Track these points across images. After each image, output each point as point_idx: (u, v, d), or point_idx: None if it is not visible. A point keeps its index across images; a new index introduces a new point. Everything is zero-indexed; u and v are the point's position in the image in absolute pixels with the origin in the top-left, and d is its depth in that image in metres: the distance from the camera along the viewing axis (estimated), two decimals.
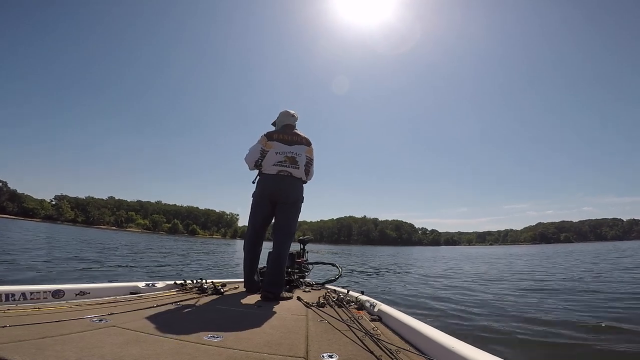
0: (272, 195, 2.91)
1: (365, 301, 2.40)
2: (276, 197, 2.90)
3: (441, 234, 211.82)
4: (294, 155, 2.93)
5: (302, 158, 2.96)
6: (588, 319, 3.87)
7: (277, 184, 2.89)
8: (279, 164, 2.90)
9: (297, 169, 2.93)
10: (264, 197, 2.93)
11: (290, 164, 2.91)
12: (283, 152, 2.93)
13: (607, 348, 2.88)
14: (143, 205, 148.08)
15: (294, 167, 2.92)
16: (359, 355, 1.31)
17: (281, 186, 2.89)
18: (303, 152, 2.98)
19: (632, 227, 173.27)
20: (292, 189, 2.91)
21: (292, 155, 2.93)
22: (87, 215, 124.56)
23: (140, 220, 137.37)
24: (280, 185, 2.89)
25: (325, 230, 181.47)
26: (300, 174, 2.94)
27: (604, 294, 5.58)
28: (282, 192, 2.89)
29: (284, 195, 2.89)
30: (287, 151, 2.94)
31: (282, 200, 2.90)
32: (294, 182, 2.92)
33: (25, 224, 47.78)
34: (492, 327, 3.59)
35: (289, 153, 2.93)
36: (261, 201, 2.96)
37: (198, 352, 1.23)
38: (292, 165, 2.92)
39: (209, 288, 2.72)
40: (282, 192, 2.89)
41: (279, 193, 2.89)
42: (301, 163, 2.95)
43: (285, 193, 2.89)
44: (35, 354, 1.08)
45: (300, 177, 2.96)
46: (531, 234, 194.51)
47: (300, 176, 2.95)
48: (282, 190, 2.89)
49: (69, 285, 2.14)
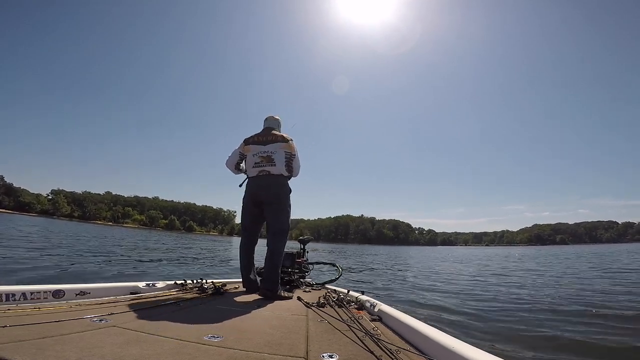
0: (255, 195, 3.00)
1: (365, 301, 2.41)
2: (259, 197, 2.99)
3: (438, 234, 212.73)
4: (269, 154, 2.99)
5: (279, 154, 2.99)
6: (583, 314, 3.90)
7: (257, 185, 2.99)
8: (257, 165, 2.99)
9: (274, 166, 2.96)
10: (248, 199, 3.05)
11: (266, 163, 2.97)
12: (258, 152, 3.01)
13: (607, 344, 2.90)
14: (140, 201, 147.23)
15: (271, 165, 2.96)
16: (359, 355, 1.31)
17: (261, 185, 2.97)
18: (279, 148, 3.01)
19: (627, 230, 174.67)
20: (272, 187, 2.97)
21: (268, 154, 2.99)
22: (84, 210, 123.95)
23: (137, 216, 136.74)
24: (260, 184, 2.97)
25: (322, 229, 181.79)
26: (278, 170, 2.97)
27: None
28: (263, 191, 2.97)
29: (264, 194, 2.96)
30: (262, 151, 3.01)
31: (266, 200, 2.97)
32: (273, 180, 2.96)
33: (21, 219, 47.44)
34: (492, 327, 3.61)
35: (264, 153, 3.00)
36: (247, 203, 3.08)
37: (198, 352, 1.23)
38: (269, 163, 2.97)
39: (209, 288, 2.74)
40: (263, 191, 2.97)
41: (260, 193, 2.97)
42: (278, 159, 2.98)
43: (266, 192, 2.96)
44: (35, 354, 1.08)
45: (280, 173, 2.98)
46: (527, 235, 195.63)
47: (280, 172, 2.98)
48: (262, 189, 2.97)
49: (69, 285, 2.14)
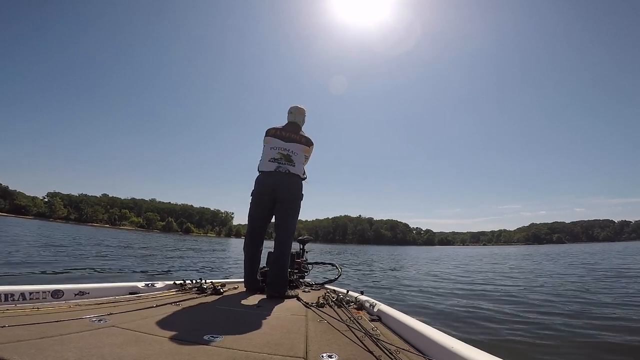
0: (272, 192, 2.83)
1: (364, 301, 2.40)
2: (275, 195, 2.83)
3: (435, 234, 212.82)
4: (289, 153, 2.87)
5: (298, 156, 2.90)
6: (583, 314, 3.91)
7: (277, 181, 2.82)
8: (274, 160, 2.84)
9: (293, 166, 2.87)
10: (263, 195, 2.86)
11: (286, 161, 2.85)
12: (277, 147, 2.87)
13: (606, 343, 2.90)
14: (137, 203, 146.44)
15: (290, 165, 2.85)
16: (358, 355, 1.31)
17: (280, 183, 2.82)
18: (300, 150, 2.92)
19: (623, 229, 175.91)
20: (292, 186, 2.86)
21: (288, 152, 2.87)
22: (80, 212, 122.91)
23: (134, 218, 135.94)
24: (279, 182, 2.82)
25: (320, 230, 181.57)
26: (297, 170, 2.89)
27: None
28: (282, 189, 2.82)
29: (283, 192, 2.82)
30: (282, 147, 2.88)
31: (281, 197, 2.83)
32: (293, 179, 2.86)
33: (17, 221, 47.03)
34: (492, 327, 3.59)
35: (284, 150, 2.87)
36: (260, 199, 2.88)
37: (198, 352, 1.22)
38: (288, 162, 2.85)
39: (208, 288, 2.70)
40: (282, 189, 2.82)
41: (278, 190, 2.82)
42: (297, 161, 2.89)
43: (285, 190, 2.83)
44: (34, 354, 1.07)
45: (298, 174, 2.90)
46: (524, 234, 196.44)
47: (299, 173, 2.90)
48: (281, 187, 2.82)
49: (68, 285, 2.11)
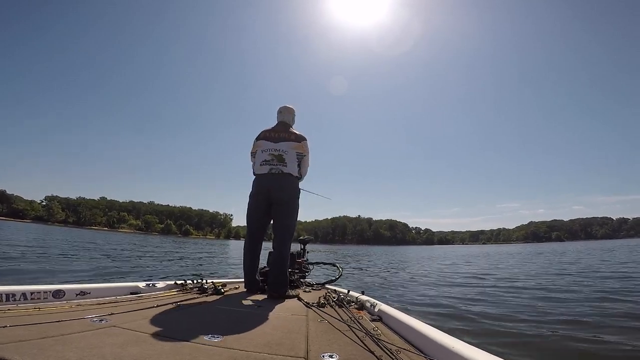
0: (266, 194, 2.87)
1: (365, 301, 2.40)
2: (270, 196, 2.87)
3: (434, 233, 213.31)
4: (281, 153, 2.89)
5: (290, 155, 2.91)
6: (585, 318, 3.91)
7: (270, 183, 2.86)
8: (266, 163, 2.87)
9: (286, 166, 2.87)
10: (259, 197, 2.91)
11: (278, 162, 2.86)
12: (268, 149, 2.91)
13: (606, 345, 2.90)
14: (135, 205, 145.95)
15: (282, 165, 2.86)
16: (359, 355, 1.31)
17: (274, 185, 2.86)
18: (290, 148, 2.93)
19: (622, 226, 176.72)
20: (286, 187, 2.88)
21: (279, 153, 2.90)
22: (79, 216, 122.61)
23: (132, 221, 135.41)
24: (273, 184, 2.86)
25: (319, 230, 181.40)
26: (290, 170, 2.89)
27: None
28: (276, 190, 2.85)
29: (278, 193, 2.85)
30: (273, 148, 2.91)
31: (277, 198, 2.86)
32: (286, 179, 2.88)
33: (15, 225, 46.83)
34: (492, 327, 3.58)
35: (275, 151, 2.90)
36: (256, 201, 2.94)
37: (198, 352, 1.23)
38: (280, 162, 2.86)
39: (209, 288, 2.71)
40: (276, 190, 2.85)
41: (273, 191, 2.86)
42: (290, 159, 2.89)
43: (280, 191, 2.86)
44: (36, 354, 1.08)
45: (291, 172, 2.90)
46: (523, 232, 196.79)
47: (291, 172, 2.90)
48: (276, 188, 2.86)
49: (70, 285, 2.13)
